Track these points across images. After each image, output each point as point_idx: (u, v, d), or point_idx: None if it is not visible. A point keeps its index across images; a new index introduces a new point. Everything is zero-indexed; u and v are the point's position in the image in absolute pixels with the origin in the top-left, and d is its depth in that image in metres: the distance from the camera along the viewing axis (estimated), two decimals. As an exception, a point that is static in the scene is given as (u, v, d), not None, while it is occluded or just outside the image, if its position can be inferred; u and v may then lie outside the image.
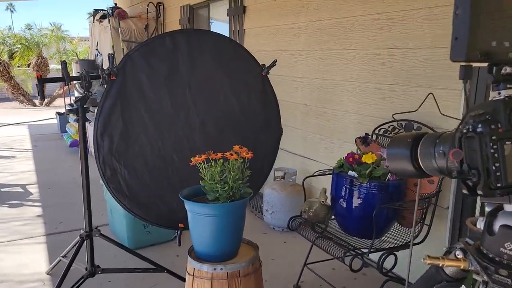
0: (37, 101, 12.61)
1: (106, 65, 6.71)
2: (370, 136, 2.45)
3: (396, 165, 0.80)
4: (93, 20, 7.73)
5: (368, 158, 2.05)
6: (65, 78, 1.89)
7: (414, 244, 2.15)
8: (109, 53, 2.28)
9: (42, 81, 1.90)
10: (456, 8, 0.59)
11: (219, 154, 1.80)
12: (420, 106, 1.96)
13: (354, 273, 2.66)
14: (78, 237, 2.17)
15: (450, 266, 0.72)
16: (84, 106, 2.01)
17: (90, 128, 5.57)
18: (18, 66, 13.08)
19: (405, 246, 2.13)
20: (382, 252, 2.05)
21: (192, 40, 2.24)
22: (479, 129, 0.63)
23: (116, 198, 2.13)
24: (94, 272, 2.19)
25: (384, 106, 2.62)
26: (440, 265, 0.72)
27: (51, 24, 14.17)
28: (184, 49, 2.22)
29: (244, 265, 1.77)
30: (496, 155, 0.61)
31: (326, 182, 2.89)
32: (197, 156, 1.80)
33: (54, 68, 13.53)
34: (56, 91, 12.90)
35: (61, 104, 11.98)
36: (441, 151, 0.71)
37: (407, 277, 1.36)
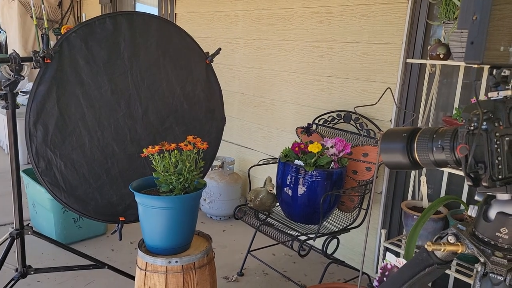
0: None
1: (11, 44, 6.02)
2: (311, 126, 2.55)
3: (390, 158, 0.85)
4: (-6, -9, 6.87)
5: (314, 148, 2.14)
6: (-9, 59, 1.66)
7: (352, 228, 2.31)
8: (42, 33, 2.05)
9: (-37, 61, 1.65)
10: (474, 14, 0.64)
11: (173, 145, 1.74)
12: (379, 100, 2.09)
13: (291, 257, 2.79)
14: (7, 235, 1.95)
15: (449, 251, 0.79)
16: (14, 91, 1.79)
17: (-3, 114, 4.99)
18: None
19: (345, 230, 2.27)
20: (326, 236, 2.16)
21: (134, 24, 2.11)
22: (485, 126, 0.70)
23: (51, 192, 1.95)
24: (26, 273, 2.00)
25: (322, 97, 2.74)
26: (442, 250, 0.79)
27: None
28: (126, 33, 2.08)
29: (199, 257, 1.75)
30: (498, 150, 0.69)
31: (265, 171, 2.95)
32: (150, 147, 1.72)
33: None
34: None
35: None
36: (439, 146, 0.77)
37: (361, 262, 1.46)
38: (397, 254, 2.00)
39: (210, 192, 3.22)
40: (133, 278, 2.08)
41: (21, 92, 4.33)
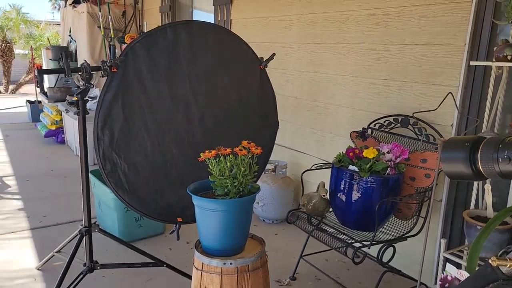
0: (1, 88, 12.05)
1: (80, 52, 6.47)
2: (366, 131, 2.50)
3: (452, 167, 0.82)
4: (65, 4, 7.43)
5: (369, 153, 2.09)
6: (66, 70, 1.81)
7: (410, 236, 2.23)
8: (110, 44, 2.20)
9: (42, 72, 1.82)
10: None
11: (228, 150, 1.79)
12: (439, 105, 2.01)
13: (345, 263, 2.75)
14: (77, 232, 2.11)
15: (516, 267, 0.75)
16: (84, 98, 1.94)
17: (67, 119, 5.40)
18: (-19, 51, 12.37)
19: (402, 239, 2.20)
20: (381, 244, 2.11)
21: (193, 32, 2.20)
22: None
23: (116, 193, 2.08)
24: (93, 268, 2.15)
25: (378, 101, 2.67)
26: (508, 266, 0.75)
27: (11, 6, 13.39)
28: (185, 41, 2.18)
29: (253, 260, 1.78)
30: None
31: (318, 176, 2.93)
32: (206, 151, 1.78)
33: (20, 53, 12.90)
34: (23, 77, 12.36)
35: (28, 91, 11.51)
36: (505, 156, 0.74)
37: (419, 272, 1.41)
38: (458, 266, 1.91)
39: (263, 195, 3.26)
40: (189, 277, 2.17)
41: (89, 97, 4.65)
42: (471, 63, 2.08)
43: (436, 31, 2.29)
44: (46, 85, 6.89)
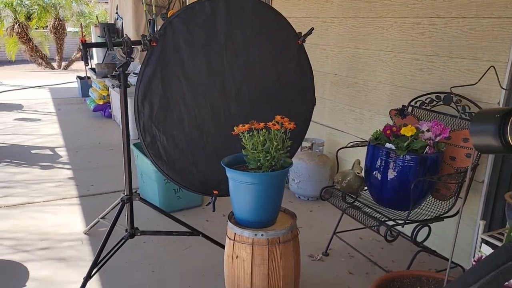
0: (55, 64, 12.69)
1: (126, 29, 6.65)
2: (406, 108, 2.43)
3: (481, 141, 0.79)
4: (112, -18, 7.61)
5: (407, 131, 2.04)
6: (108, 44, 1.89)
7: (447, 217, 2.17)
8: (149, 19, 2.25)
9: (86, 45, 1.91)
10: None
11: (262, 124, 1.81)
12: (480, 80, 1.91)
13: (379, 242, 2.73)
14: (119, 200, 2.24)
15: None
16: (126, 72, 2.02)
17: (113, 94, 5.62)
18: (36, 28, 13.03)
19: (438, 219, 2.15)
20: (416, 223, 2.07)
21: (231, 6, 2.20)
22: None
23: (155, 164, 2.17)
24: (134, 234, 2.28)
25: (421, 77, 2.58)
26: (530, 242, 0.73)
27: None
28: (222, 15, 2.19)
29: (284, 232, 1.82)
30: None
31: (355, 154, 2.90)
32: (240, 125, 1.81)
33: (71, 31, 13.46)
34: (74, 54, 12.92)
35: (79, 67, 12.04)
36: (535, 130, 0.71)
37: (451, 251, 1.39)
38: (495, 248, 1.84)
39: (299, 172, 3.27)
40: (223, 247, 2.24)
41: (133, 73, 4.80)
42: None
43: (485, 3, 2.15)
44: (94, 61, 7.17)
